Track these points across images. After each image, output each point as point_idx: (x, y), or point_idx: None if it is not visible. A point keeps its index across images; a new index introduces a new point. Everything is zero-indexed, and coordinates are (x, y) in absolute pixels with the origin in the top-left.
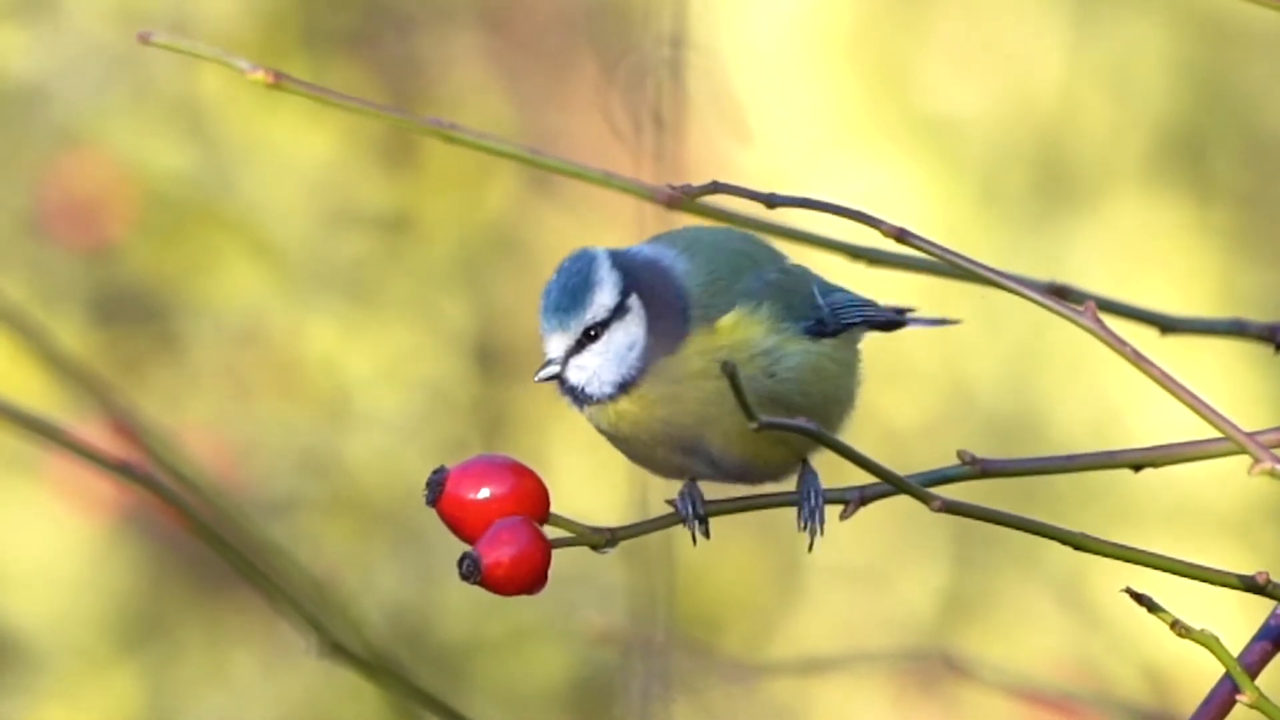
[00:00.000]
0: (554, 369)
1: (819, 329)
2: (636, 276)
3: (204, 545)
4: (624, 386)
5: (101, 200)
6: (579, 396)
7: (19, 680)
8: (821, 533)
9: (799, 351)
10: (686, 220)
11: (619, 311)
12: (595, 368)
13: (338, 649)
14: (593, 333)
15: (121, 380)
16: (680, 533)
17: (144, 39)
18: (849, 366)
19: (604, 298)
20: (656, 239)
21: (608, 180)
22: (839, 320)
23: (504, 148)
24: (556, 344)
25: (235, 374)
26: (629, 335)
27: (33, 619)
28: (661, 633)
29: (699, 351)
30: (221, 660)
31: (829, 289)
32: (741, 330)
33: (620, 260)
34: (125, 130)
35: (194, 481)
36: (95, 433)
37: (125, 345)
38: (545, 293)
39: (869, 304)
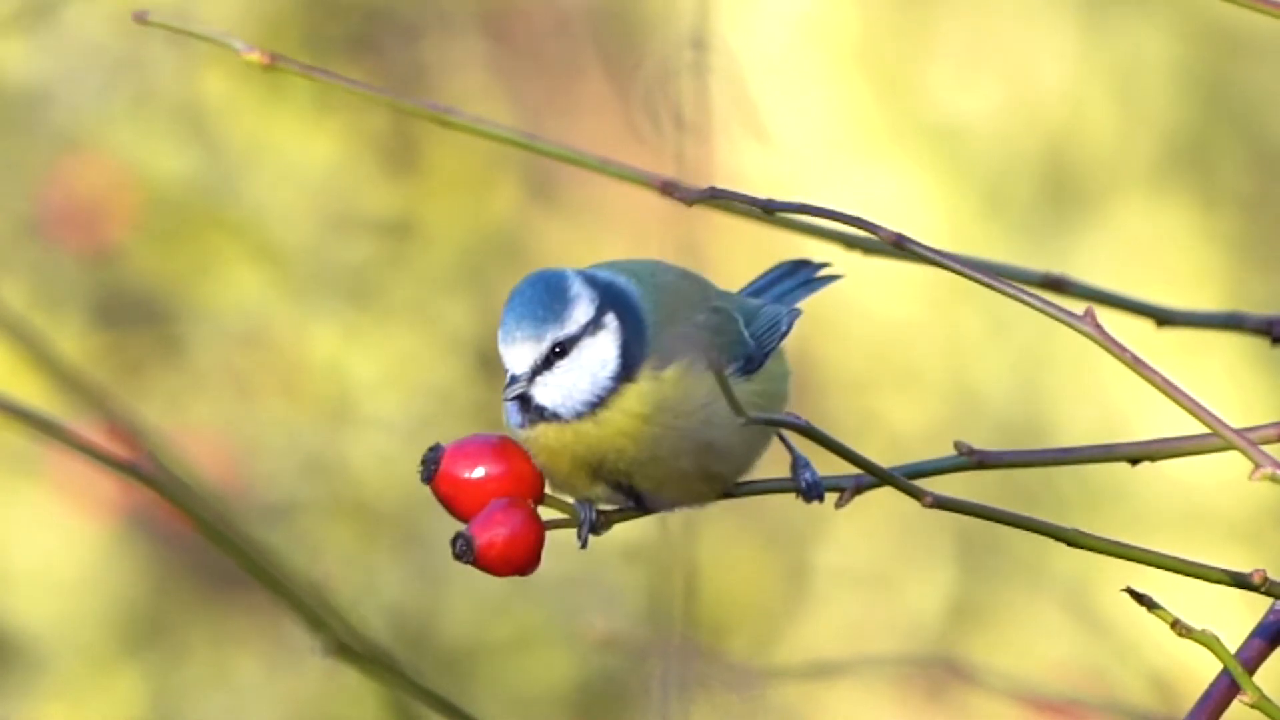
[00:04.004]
0: (520, 388)
1: (747, 366)
2: (609, 297)
3: (207, 546)
4: (594, 406)
5: (103, 203)
6: (542, 416)
7: (22, 681)
8: (821, 500)
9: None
10: (687, 218)
11: (591, 327)
12: (569, 386)
13: (342, 648)
14: (560, 349)
15: (124, 384)
16: (694, 533)
17: (139, 19)
18: (777, 397)
19: (579, 312)
20: (595, 266)
21: (604, 167)
22: (763, 350)
23: (500, 132)
24: (522, 358)
25: (238, 377)
26: (602, 353)
27: (36, 620)
28: (677, 635)
29: (652, 393)
30: (224, 661)
31: (748, 314)
32: (687, 383)
33: (592, 280)
34: (127, 133)
35: (192, 484)
36: (96, 436)
37: (127, 348)
38: (512, 304)
39: (779, 319)
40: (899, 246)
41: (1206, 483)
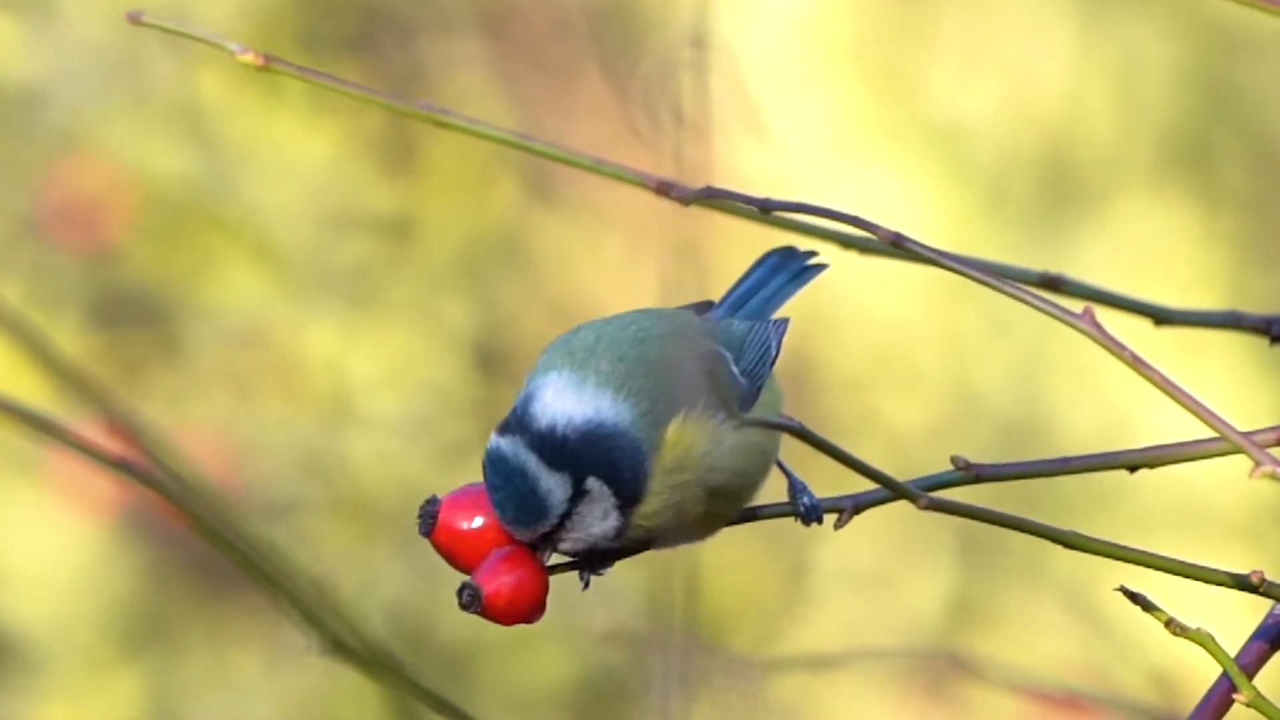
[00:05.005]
0: (537, 546)
1: (741, 408)
2: (584, 460)
3: (206, 545)
4: (613, 540)
5: (101, 203)
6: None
7: (20, 680)
8: (820, 522)
9: (732, 437)
10: (686, 217)
11: (576, 498)
12: (581, 538)
13: (339, 646)
14: (556, 525)
15: (122, 383)
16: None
17: (134, 19)
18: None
19: (556, 500)
20: (569, 360)
21: (598, 167)
22: (756, 386)
23: (495, 133)
24: (525, 537)
25: (237, 377)
26: (601, 508)
27: (34, 620)
28: (678, 634)
29: (660, 477)
30: (223, 661)
31: (737, 347)
32: (687, 437)
33: (557, 450)
34: (125, 132)
35: (191, 483)
36: (94, 435)
37: (126, 348)
38: (496, 505)
39: (768, 342)
40: (897, 245)
41: (1210, 482)
